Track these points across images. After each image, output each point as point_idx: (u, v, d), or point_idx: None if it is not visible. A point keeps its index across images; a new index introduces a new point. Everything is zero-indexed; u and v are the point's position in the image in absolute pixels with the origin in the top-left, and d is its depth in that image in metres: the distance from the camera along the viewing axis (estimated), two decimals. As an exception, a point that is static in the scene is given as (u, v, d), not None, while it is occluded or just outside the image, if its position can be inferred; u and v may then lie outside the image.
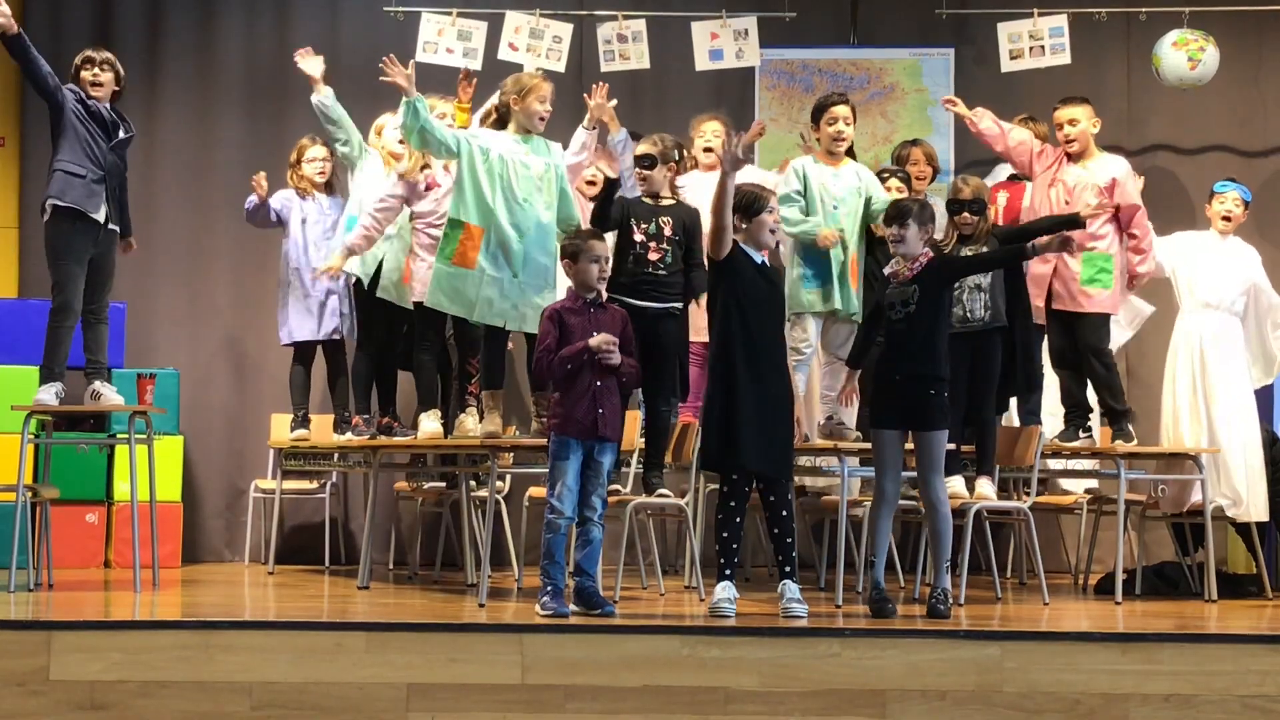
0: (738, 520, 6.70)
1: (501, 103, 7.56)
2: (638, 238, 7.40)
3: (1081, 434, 8.05)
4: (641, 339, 7.22)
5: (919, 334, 6.79)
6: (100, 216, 7.51)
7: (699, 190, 7.92)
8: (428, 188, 7.91)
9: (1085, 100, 8.33)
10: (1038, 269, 8.06)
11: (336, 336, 8.81)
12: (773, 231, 6.82)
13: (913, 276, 6.82)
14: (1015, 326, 7.61)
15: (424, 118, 7.22)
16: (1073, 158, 8.23)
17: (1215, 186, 8.41)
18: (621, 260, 7.42)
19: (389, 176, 8.20)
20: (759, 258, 6.78)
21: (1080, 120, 8.22)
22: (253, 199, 8.79)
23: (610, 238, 7.28)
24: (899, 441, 6.84)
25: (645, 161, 7.50)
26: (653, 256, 7.40)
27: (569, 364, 6.62)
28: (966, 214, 7.63)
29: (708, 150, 8.41)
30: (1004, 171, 8.87)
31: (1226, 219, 8.33)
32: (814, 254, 7.82)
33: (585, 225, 7.42)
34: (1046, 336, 8.22)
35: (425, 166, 7.91)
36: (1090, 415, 8.16)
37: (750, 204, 6.75)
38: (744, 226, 6.75)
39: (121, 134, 7.63)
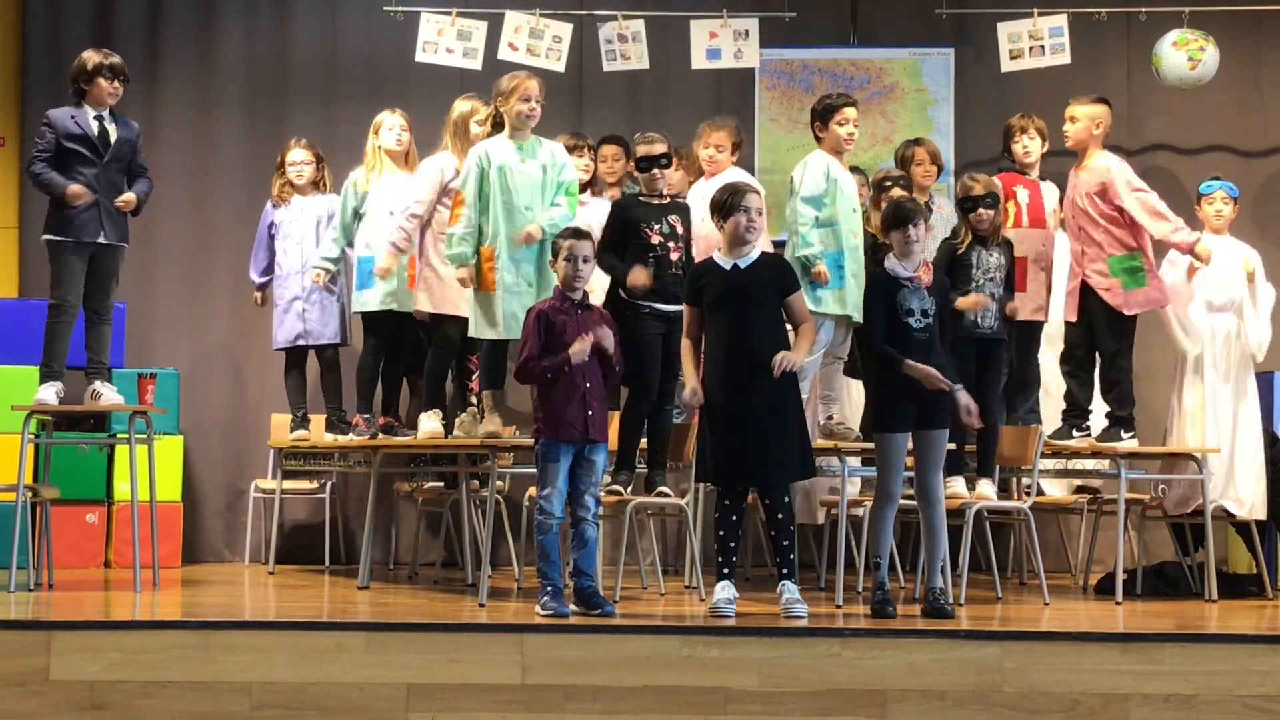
0: (734, 519, 6.69)
1: (494, 105, 7.54)
2: (655, 240, 7.34)
3: (1076, 433, 8.06)
4: (662, 340, 7.27)
5: (938, 343, 6.81)
6: (93, 239, 7.53)
7: (695, 196, 8.00)
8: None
9: (1098, 100, 8.28)
10: (1069, 285, 8.15)
11: (301, 343, 8.82)
12: (748, 230, 6.73)
13: (930, 286, 6.82)
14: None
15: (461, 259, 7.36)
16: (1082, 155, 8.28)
17: (1201, 187, 8.42)
18: (639, 265, 7.34)
19: (416, 178, 8.23)
20: (729, 261, 6.71)
21: (1079, 119, 8.22)
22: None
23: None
24: (906, 442, 6.85)
25: (664, 162, 7.47)
26: (674, 257, 7.34)
27: (550, 373, 6.63)
28: (981, 210, 7.63)
29: (711, 161, 8.33)
30: None
31: (1219, 217, 8.33)
32: (827, 255, 7.77)
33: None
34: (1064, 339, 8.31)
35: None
36: (1088, 416, 8.17)
37: (726, 202, 6.75)
38: (722, 226, 6.76)
39: (114, 138, 7.61)
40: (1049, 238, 8.35)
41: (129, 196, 7.58)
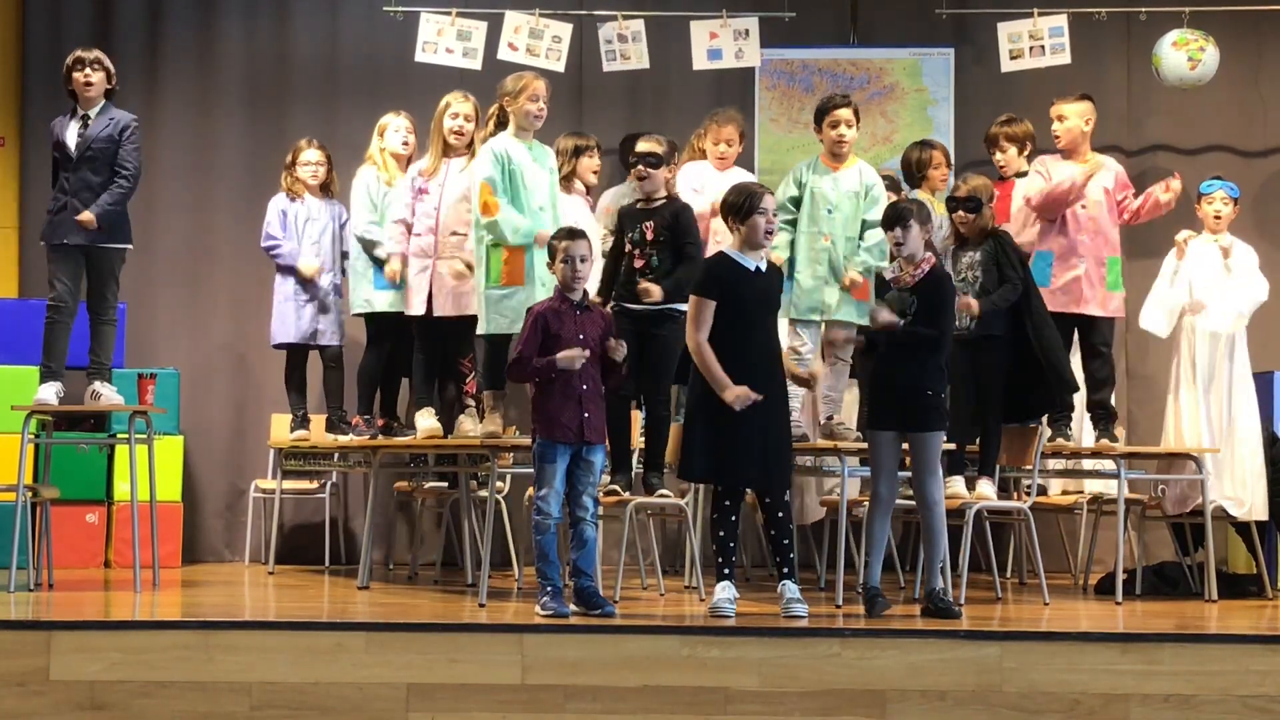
0: (733, 520, 6.69)
1: (499, 104, 7.53)
2: (627, 248, 7.45)
3: (1069, 430, 8.08)
4: (639, 341, 7.26)
5: (917, 343, 6.80)
6: (62, 241, 7.52)
7: (707, 182, 8.13)
8: (421, 191, 7.88)
9: (1083, 97, 8.33)
10: (1069, 276, 8.13)
11: (313, 342, 8.80)
12: (769, 233, 6.76)
13: (914, 285, 6.81)
14: (1033, 337, 7.59)
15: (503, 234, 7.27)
16: (1064, 155, 8.32)
17: (1201, 187, 8.44)
18: (621, 268, 7.49)
19: (396, 185, 8.19)
20: (752, 263, 6.72)
21: (1068, 117, 8.26)
22: (285, 253, 8.82)
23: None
24: (895, 443, 6.84)
25: (651, 160, 7.48)
26: (638, 264, 7.41)
27: (538, 376, 6.64)
28: (961, 211, 7.64)
29: (721, 158, 8.40)
30: None
31: (1217, 218, 8.34)
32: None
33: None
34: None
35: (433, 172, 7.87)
36: (1071, 415, 8.18)
37: (743, 204, 6.71)
38: (739, 229, 6.73)
39: (84, 137, 7.55)
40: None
41: (85, 216, 7.44)
